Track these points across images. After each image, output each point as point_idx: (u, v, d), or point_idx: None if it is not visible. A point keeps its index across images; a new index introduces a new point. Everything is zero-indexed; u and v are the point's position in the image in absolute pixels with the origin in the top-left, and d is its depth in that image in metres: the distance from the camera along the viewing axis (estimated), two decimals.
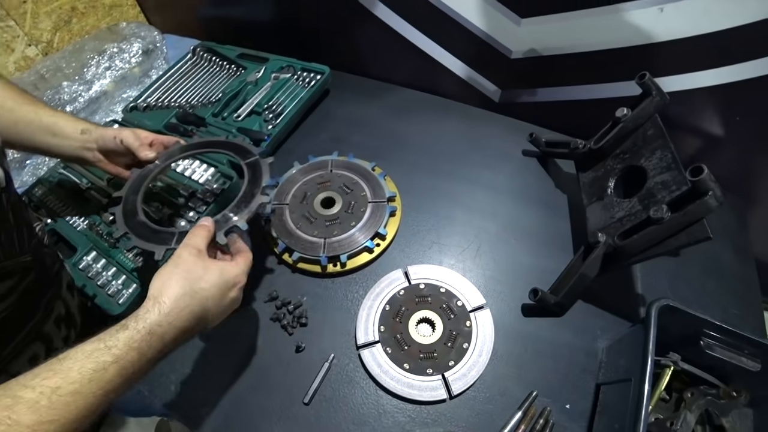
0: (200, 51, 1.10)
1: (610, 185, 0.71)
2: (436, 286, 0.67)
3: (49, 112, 0.67)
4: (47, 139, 0.66)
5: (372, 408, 0.60)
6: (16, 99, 0.66)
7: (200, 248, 0.50)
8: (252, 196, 0.60)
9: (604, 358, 0.64)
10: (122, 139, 0.67)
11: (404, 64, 1.03)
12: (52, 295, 0.60)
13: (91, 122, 0.70)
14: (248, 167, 0.65)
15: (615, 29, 0.77)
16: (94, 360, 0.38)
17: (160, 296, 0.44)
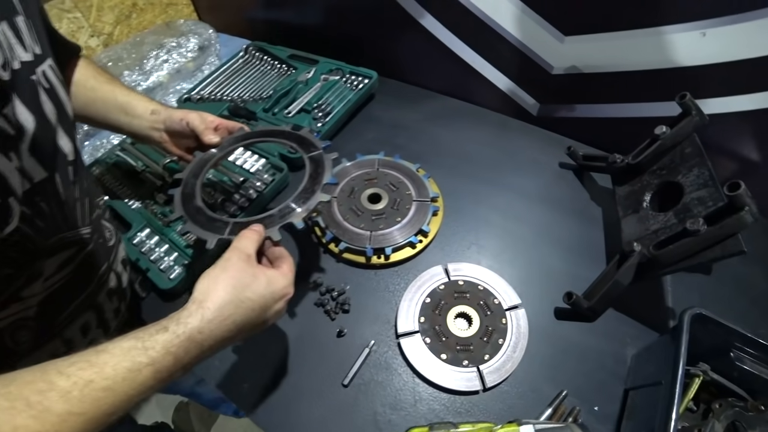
0: (252, 50, 1.16)
1: (646, 199, 0.74)
2: (475, 284, 0.70)
3: (124, 92, 0.70)
4: (120, 117, 0.70)
5: (408, 394, 0.63)
6: (98, 78, 0.70)
7: (249, 253, 0.49)
8: (312, 193, 0.59)
9: (633, 365, 0.66)
10: (188, 122, 0.68)
11: (447, 73, 1.07)
12: (106, 268, 0.63)
13: (162, 104, 0.72)
14: (311, 161, 0.63)
15: (656, 51, 0.80)
16: (130, 359, 0.37)
17: (204, 301, 0.43)
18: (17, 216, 0.42)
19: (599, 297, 0.67)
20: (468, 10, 0.94)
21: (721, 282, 0.75)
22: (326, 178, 0.60)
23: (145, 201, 0.87)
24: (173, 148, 0.73)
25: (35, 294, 0.48)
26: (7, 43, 0.41)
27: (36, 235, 0.46)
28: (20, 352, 0.49)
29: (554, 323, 0.70)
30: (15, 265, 0.43)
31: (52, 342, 0.53)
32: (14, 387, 0.32)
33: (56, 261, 0.51)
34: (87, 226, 0.57)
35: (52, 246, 0.49)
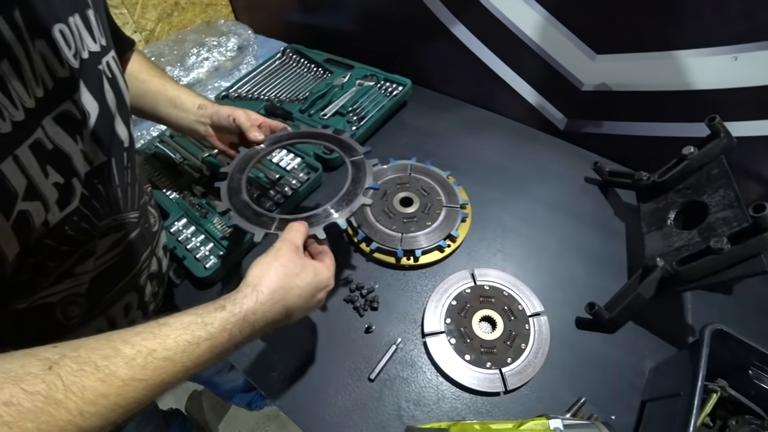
0: (290, 52, 1.21)
1: (671, 217, 0.75)
2: (500, 289, 0.72)
3: (174, 86, 0.74)
4: (168, 110, 0.73)
5: (432, 392, 0.65)
6: (149, 71, 0.74)
7: (298, 245, 0.53)
8: (354, 196, 0.61)
9: (651, 378, 0.68)
10: (235, 118, 0.71)
11: (477, 83, 1.10)
12: (149, 252, 0.66)
13: (209, 99, 0.75)
14: (352, 165, 0.66)
15: (688, 72, 0.82)
16: (191, 333, 0.40)
17: (258, 285, 0.46)
18: (78, 196, 0.46)
19: (620, 309, 0.69)
20: (500, 22, 0.97)
21: (742, 302, 0.76)
22: (368, 182, 0.63)
23: (183, 192, 0.91)
24: (217, 142, 0.76)
25: (87, 271, 0.52)
26: (78, 34, 0.45)
27: (92, 215, 0.49)
28: (69, 327, 0.52)
29: (575, 332, 0.72)
30: (72, 243, 0.47)
31: (97, 319, 0.57)
32: (83, 351, 0.35)
33: (108, 241, 0.55)
34: (135, 211, 0.61)
35: (105, 227, 0.53)
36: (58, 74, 0.42)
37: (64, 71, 0.43)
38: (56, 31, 0.42)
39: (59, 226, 0.44)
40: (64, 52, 0.43)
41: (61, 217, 0.44)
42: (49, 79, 0.41)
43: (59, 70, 0.42)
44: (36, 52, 0.39)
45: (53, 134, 0.41)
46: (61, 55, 0.42)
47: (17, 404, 0.30)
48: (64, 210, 0.44)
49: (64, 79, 0.43)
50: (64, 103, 0.43)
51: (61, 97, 0.43)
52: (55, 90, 0.41)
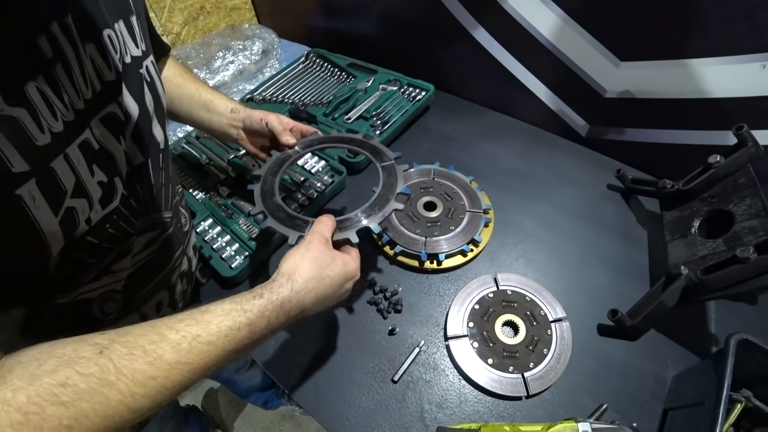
0: (313, 56, 1.23)
1: (695, 225, 0.75)
2: (522, 294, 0.73)
3: (207, 90, 0.76)
4: (202, 113, 0.76)
5: (455, 395, 0.66)
6: (184, 76, 0.76)
7: (327, 237, 0.55)
8: (386, 201, 0.62)
9: (673, 386, 0.68)
10: (267, 122, 0.73)
11: (498, 89, 1.10)
12: (181, 251, 0.68)
13: (241, 103, 0.78)
14: (384, 170, 0.67)
15: (713, 80, 0.81)
16: (232, 319, 0.42)
17: (293, 275, 0.49)
18: (120, 195, 0.48)
19: (643, 316, 0.69)
20: (522, 26, 0.97)
21: (766, 312, 0.75)
22: (399, 188, 0.64)
23: (209, 192, 0.93)
24: (248, 145, 0.78)
25: (124, 268, 0.54)
26: (122, 39, 0.47)
27: (130, 214, 0.51)
28: (105, 322, 0.54)
29: (597, 338, 0.72)
30: (112, 240, 0.49)
31: (131, 315, 0.59)
32: (131, 337, 0.37)
33: (143, 240, 0.57)
34: (169, 210, 0.63)
35: (142, 226, 0.55)
36: (105, 77, 0.44)
37: (111, 74, 0.45)
38: (105, 35, 0.44)
39: (101, 224, 0.46)
40: (112, 56, 0.45)
41: (103, 215, 0.46)
42: (97, 82, 0.43)
43: (106, 73, 0.44)
44: (86, 56, 0.41)
45: (99, 135, 0.43)
46: (108, 59, 0.44)
47: (73, 385, 0.31)
48: (106, 208, 0.46)
49: (111, 82, 0.45)
50: (109, 104, 0.45)
51: (107, 99, 0.45)
52: (102, 92, 0.43)
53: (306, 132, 0.76)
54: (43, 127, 0.36)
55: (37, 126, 0.36)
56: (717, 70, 0.80)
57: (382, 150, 0.71)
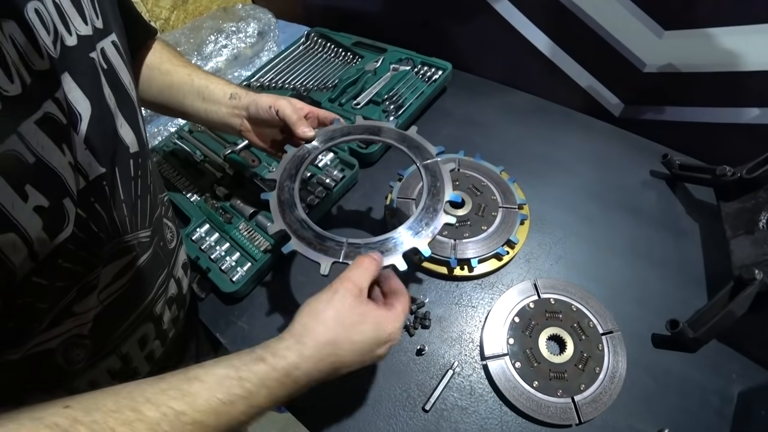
0: (314, 36, 1.11)
1: (763, 219, 0.66)
2: (567, 303, 0.64)
3: (201, 75, 0.65)
4: (197, 103, 0.64)
5: (495, 423, 0.58)
6: (173, 61, 0.65)
7: (362, 287, 0.44)
8: (435, 212, 0.50)
9: (741, 405, 0.60)
10: (278, 110, 0.60)
11: (522, 66, 1.00)
12: (166, 275, 0.57)
13: (243, 88, 0.66)
14: (426, 171, 0.54)
15: None
16: (225, 391, 0.35)
17: (303, 336, 0.40)
18: (72, 220, 0.36)
19: (708, 328, 0.60)
20: None
21: None
22: (448, 194, 0.52)
23: (205, 194, 0.83)
24: (255, 139, 0.66)
25: (89, 309, 0.42)
26: (59, 12, 0.35)
27: (90, 241, 0.39)
28: (75, 372, 0.44)
29: (652, 351, 0.64)
30: (68, 277, 0.38)
31: (108, 358, 0.48)
32: (99, 415, 0.29)
33: (112, 270, 0.45)
34: (147, 228, 0.51)
35: (108, 254, 0.43)
36: (35, 66, 0.32)
37: (44, 62, 0.33)
38: (30, 9, 0.32)
39: (51, 259, 0.34)
40: (41, 37, 0.33)
41: (53, 248, 0.34)
42: (26, 74, 0.31)
43: (36, 61, 0.32)
44: (6, 37, 0.30)
45: (35, 144, 0.31)
46: (38, 41, 0.32)
47: None
48: (55, 239, 0.34)
49: (44, 72, 0.33)
50: (45, 102, 0.33)
51: (41, 96, 0.33)
52: (33, 86, 0.32)
53: (324, 119, 0.63)
54: None
55: None
56: None
57: (420, 143, 0.58)
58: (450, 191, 0.53)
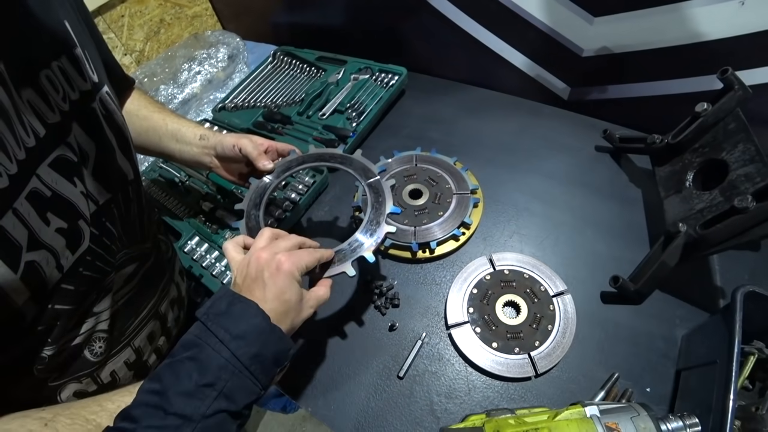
0: (280, 55, 1.19)
1: (689, 178, 0.73)
2: (520, 272, 0.71)
3: (174, 119, 0.73)
4: (171, 144, 0.72)
5: (462, 383, 0.65)
6: (149, 107, 0.73)
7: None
8: (377, 224, 0.57)
9: (684, 346, 0.66)
10: (241, 148, 0.68)
11: (473, 62, 1.07)
12: (167, 280, 0.67)
13: (210, 129, 0.74)
14: (370, 189, 0.62)
15: (692, 25, 0.78)
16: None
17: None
18: (88, 237, 0.46)
19: (646, 279, 0.67)
20: None
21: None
22: (389, 208, 0.59)
23: (192, 210, 0.91)
24: (224, 173, 0.74)
25: (106, 308, 0.52)
26: (65, 77, 0.45)
27: (105, 253, 0.49)
28: (98, 363, 0.53)
29: (602, 307, 0.70)
30: (88, 283, 0.47)
31: (124, 351, 0.58)
32: (74, 409, 0.41)
33: (123, 276, 0.55)
34: (147, 241, 0.61)
35: (119, 262, 0.54)
36: (48, 120, 0.42)
37: (55, 116, 0.42)
38: (43, 77, 0.42)
39: (74, 269, 0.44)
40: (53, 97, 0.42)
41: (74, 260, 0.44)
42: (40, 127, 0.40)
43: (50, 115, 0.42)
44: (24, 103, 0.39)
45: (51, 181, 0.41)
46: (50, 101, 0.42)
47: None
48: (75, 253, 0.44)
49: (56, 125, 0.42)
50: (58, 148, 0.42)
51: (54, 143, 0.42)
52: (47, 136, 0.41)
53: (282, 151, 0.71)
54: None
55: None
56: (695, 12, 0.77)
57: (365, 165, 0.66)
58: (390, 205, 0.60)
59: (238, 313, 0.43)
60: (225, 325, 0.41)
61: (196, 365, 0.39)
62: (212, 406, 0.38)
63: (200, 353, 0.40)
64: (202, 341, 0.40)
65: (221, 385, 0.38)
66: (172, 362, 0.40)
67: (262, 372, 0.42)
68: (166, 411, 0.36)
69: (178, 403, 0.37)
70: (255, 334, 0.42)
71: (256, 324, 0.42)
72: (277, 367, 0.44)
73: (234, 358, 0.40)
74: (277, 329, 0.44)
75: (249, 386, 0.41)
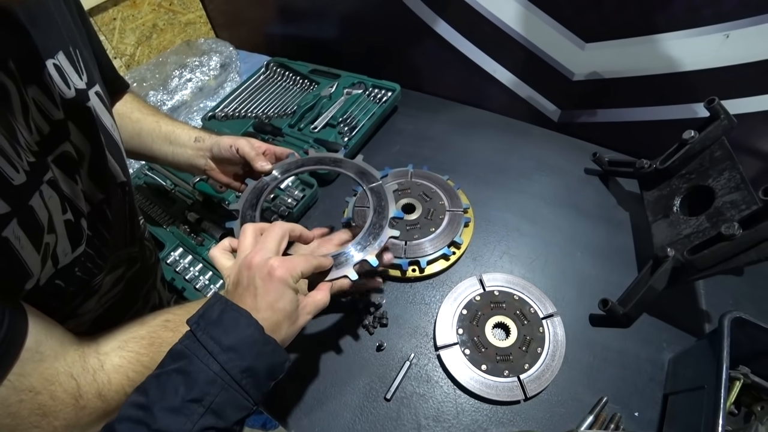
0: (273, 66, 1.18)
1: (676, 203, 0.74)
2: (510, 293, 0.71)
3: (168, 122, 0.71)
4: (165, 147, 0.70)
5: (451, 406, 0.64)
6: (142, 110, 0.71)
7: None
8: (380, 228, 0.56)
9: (671, 369, 0.66)
10: (238, 148, 0.66)
11: (466, 82, 1.09)
12: (150, 286, 0.66)
13: (206, 131, 0.72)
14: (372, 193, 0.61)
15: (679, 54, 0.80)
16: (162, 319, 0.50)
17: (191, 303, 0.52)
18: (86, 237, 0.45)
19: (634, 303, 0.68)
20: (483, 16, 0.95)
21: (754, 283, 0.74)
22: (392, 212, 0.58)
23: (177, 220, 0.89)
24: (220, 176, 0.72)
25: (90, 310, 0.51)
26: (59, 73, 0.44)
27: (96, 255, 0.49)
28: None
29: (590, 330, 0.70)
30: (78, 283, 0.46)
31: None
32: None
33: (111, 279, 0.54)
34: (135, 245, 0.60)
35: (109, 264, 0.52)
36: (53, 117, 0.42)
37: (59, 113, 0.42)
38: (47, 73, 0.41)
39: (69, 267, 0.44)
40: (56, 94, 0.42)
41: (72, 258, 0.44)
42: (45, 124, 0.41)
43: (54, 112, 0.42)
44: (30, 99, 0.39)
45: (57, 175, 0.41)
46: (55, 97, 0.42)
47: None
48: (75, 251, 0.44)
49: (60, 121, 0.42)
50: (62, 144, 0.43)
51: (59, 139, 0.42)
52: (51, 132, 0.41)
53: (280, 155, 0.70)
54: (17, 166, 0.35)
55: (11, 166, 0.35)
56: (682, 43, 0.79)
57: (367, 170, 0.65)
58: (393, 209, 0.59)
59: (229, 323, 0.41)
60: (215, 335, 0.40)
61: (183, 378, 0.37)
62: (199, 423, 0.36)
63: (188, 365, 0.38)
64: (190, 352, 0.39)
65: (209, 401, 0.37)
66: (159, 374, 0.39)
67: (254, 386, 0.40)
68: (150, 427, 0.35)
69: (163, 420, 0.35)
70: (247, 346, 0.40)
71: (249, 335, 0.41)
72: (271, 381, 0.43)
73: (224, 371, 0.38)
74: (271, 341, 0.42)
75: (239, 401, 0.39)
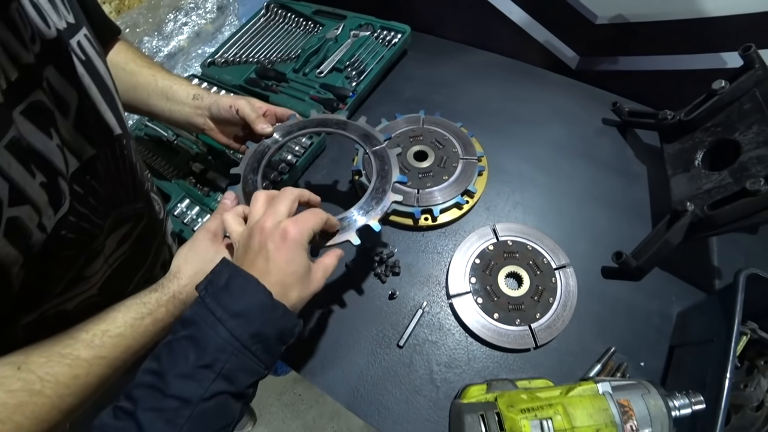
0: (274, 7, 1.11)
1: (698, 157, 0.72)
2: (523, 244, 0.70)
3: (165, 76, 0.67)
4: (161, 103, 0.67)
5: (462, 353, 0.65)
6: (137, 61, 0.67)
7: (215, 232, 0.51)
8: (383, 192, 0.55)
9: (678, 323, 0.67)
10: (238, 109, 0.64)
11: (479, 23, 1.02)
12: (159, 242, 0.63)
13: (205, 89, 0.69)
14: (375, 156, 0.59)
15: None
16: (134, 311, 0.44)
17: (177, 273, 0.48)
18: (68, 196, 0.41)
19: (648, 256, 0.67)
20: None
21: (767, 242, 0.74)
22: (395, 176, 0.57)
23: (182, 171, 0.86)
24: (219, 136, 0.70)
25: (98, 272, 0.49)
26: (36, 9, 0.39)
27: (91, 213, 0.45)
28: None
29: (602, 282, 0.71)
30: (75, 246, 0.43)
31: None
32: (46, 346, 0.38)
33: (115, 238, 0.51)
34: (139, 201, 0.57)
35: (111, 223, 0.49)
36: (22, 60, 0.35)
37: (29, 56, 0.36)
38: (13, 9, 0.35)
39: (56, 231, 0.39)
40: (26, 34, 0.36)
41: (57, 220, 0.39)
42: (12, 69, 0.34)
43: (23, 55, 0.35)
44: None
45: (24, 130, 0.35)
46: (23, 37, 0.35)
47: (3, 404, 0.33)
48: (57, 213, 0.39)
49: (30, 66, 0.36)
50: (33, 93, 0.36)
51: (29, 87, 0.36)
52: (20, 79, 0.35)
53: (281, 115, 0.67)
54: None
55: None
56: None
57: (370, 132, 0.63)
58: (397, 173, 0.58)
59: (237, 289, 0.41)
60: (223, 302, 0.39)
61: (193, 345, 0.37)
62: (210, 388, 0.36)
63: (197, 332, 0.38)
64: (199, 318, 0.39)
65: (220, 366, 0.37)
66: (171, 340, 0.39)
67: (265, 351, 0.40)
68: (164, 393, 0.35)
69: (175, 385, 0.36)
70: (255, 312, 0.40)
71: (257, 301, 0.40)
72: (282, 346, 0.43)
73: (232, 338, 0.38)
74: (280, 306, 0.42)
75: (251, 366, 0.39)
